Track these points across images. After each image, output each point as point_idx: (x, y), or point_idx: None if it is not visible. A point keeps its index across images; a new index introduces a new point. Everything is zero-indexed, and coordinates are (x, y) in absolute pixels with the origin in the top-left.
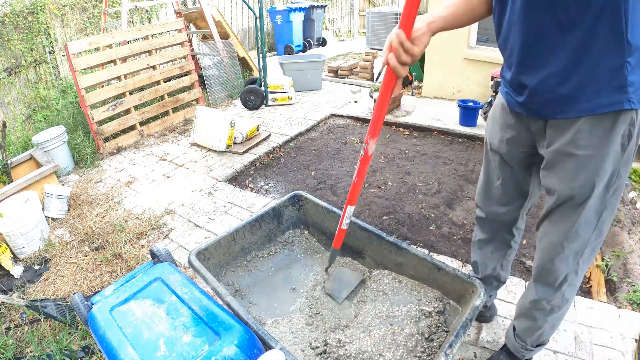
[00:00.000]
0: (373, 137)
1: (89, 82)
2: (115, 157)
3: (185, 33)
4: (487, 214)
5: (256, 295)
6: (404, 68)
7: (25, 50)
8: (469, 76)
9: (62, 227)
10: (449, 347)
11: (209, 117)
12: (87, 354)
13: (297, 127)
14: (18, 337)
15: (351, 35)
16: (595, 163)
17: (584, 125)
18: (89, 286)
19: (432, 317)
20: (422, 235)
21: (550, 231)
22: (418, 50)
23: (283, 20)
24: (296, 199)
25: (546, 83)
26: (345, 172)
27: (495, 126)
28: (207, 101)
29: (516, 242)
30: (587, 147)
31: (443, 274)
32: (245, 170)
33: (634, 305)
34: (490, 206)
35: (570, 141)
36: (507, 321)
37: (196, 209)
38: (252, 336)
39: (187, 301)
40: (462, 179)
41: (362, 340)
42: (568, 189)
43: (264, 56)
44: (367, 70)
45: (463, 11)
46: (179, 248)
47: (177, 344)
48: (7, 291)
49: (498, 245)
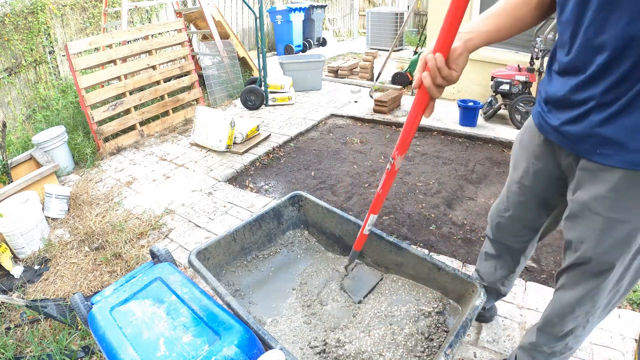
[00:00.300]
0: (401, 153)
1: (89, 82)
2: (115, 157)
3: (185, 33)
4: (494, 237)
5: (256, 295)
6: (438, 90)
7: (25, 50)
8: (469, 76)
9: (62, 227)
10: (449, 347)
11: (209, 117)
12: (87, 354)
13: (297, 127)
14: (18, 337)
15: (351, 35)
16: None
17: (622, 181)
18: (89, 286)
19: (432, 317)
20: (422, 235)
21: (565, 288)
22: (456, 75)
23: (283, 20)
24: (296, 199)
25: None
26: (345, 172)
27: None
28: (207, 101)
29: (521, 267)
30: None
31: (443, 274)
32: (245, 170)
33: (634, 305)
34: (499, 231)
35: (602, 198)
36: (507, 321)
37: (196, 209)
38: (252, 336)
39: (187, 301)
40: (462, 179)
41: (362, 340)
42: (589, 252)
43: (264, 56)
44: (367, 70)
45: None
46: (179, 248)
47: (177, 344)
48: (7, 291)
49: (503, 265)
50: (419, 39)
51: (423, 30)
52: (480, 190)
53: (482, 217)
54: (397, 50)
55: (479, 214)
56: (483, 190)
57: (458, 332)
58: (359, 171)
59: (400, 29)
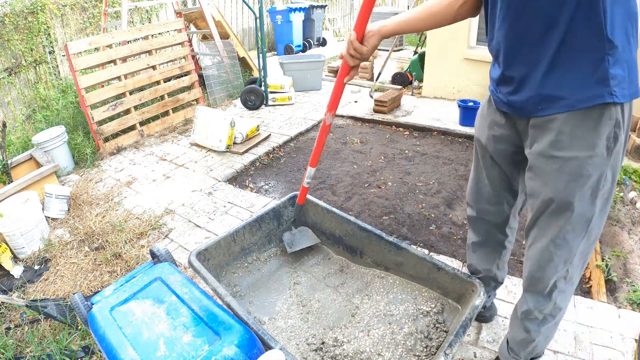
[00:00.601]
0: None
1: (89, 82)
2: (115, 157)
3: (185, 33)
4: (477, 212)
5: (256, 295)
6: (353, 60)
7: (25, 50)
8: (469, 76)
9: (62, 227)
10: (448, 347)
11: (209, 117)
12: (87, 354)
13: (297, 127)
14: (18, 337)
15: None
16: (577, 166)
17: (565, 125)
18: (89, 286)
19: (431, 316)
20: (422, 235)
21: (537, 238)
22: (366, 50)
23: (283, 20)
24: (296, 199)
25: (529, 79)
26: (345, 172)
27: (483, 123)
28: (207, 101)
29: (510, 242)
30: (568, 149)
31: (443, 273)
32: (245, 170)
33: (634, 305)
34: (480, 203)
35: (551, 143)
36: (507, 321)
37: (196, 209)
38: (252, 336)
39: (187, 301)
40: (462, 179)
41: (361, 340)
42: (550, 193)
43: (264, 56)
44: (367, 70)
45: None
46: (179, 248)
47: (177, 344)
48: (7, 291)
49: (492, 247)
50: (419, 39)
51: None
52: None
53: None
54: (397, 50)
55: None
56: None
57: (458, 332)
58: (359, 171)
59: None
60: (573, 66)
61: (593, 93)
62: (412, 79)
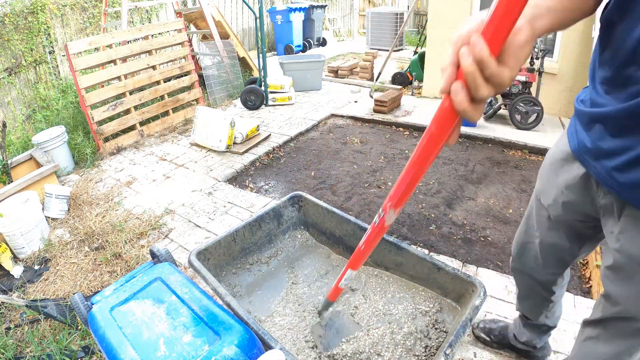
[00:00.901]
0: (395, 207)
1: (89, 82)
2: (115, 157)
3: (185, 33)
4: (522, 266)
5: (256, 295)
6: (477, 108)
7: (25, 50)
8: None
9: (62, 227)
10: (449, 347)
11: (209, 117)
12: (87, 354)
13: (297, 127)
14: (18, 337)
15: (351, 35)
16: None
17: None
18: (89, 286)
19: (430, 315)
20: (422, 235)
21: (599, 341)
22: (508, 77)
23: (283, 20)
24: (296, 199)
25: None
26: (345, 172)
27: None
28: (207, 101)
29: (558, 296)
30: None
31: (443, 273)
32: (245, 170)
33: None
34: (524, 259)
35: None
36: (507, 321)
37: (196, 209)
38: (252, 336)
39: (187, 301)
40: (462, 179)
41: (360, 340)
42: (635, 309)
43: (264, 56)
44: (367, 70)
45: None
46: (179, 248)
47: (177, 344)
48: (7, 291)
49: (537, 302)
50: (419, 39)
51: (423, 30)
52: (480, 190)
53: (482, 217)
54: (397, 50)
55: (478, 214)
56: (483, 190)
57: (458, 332)
58: (359, 171)
59: (400, 29)
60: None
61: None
62: (412, 79)
